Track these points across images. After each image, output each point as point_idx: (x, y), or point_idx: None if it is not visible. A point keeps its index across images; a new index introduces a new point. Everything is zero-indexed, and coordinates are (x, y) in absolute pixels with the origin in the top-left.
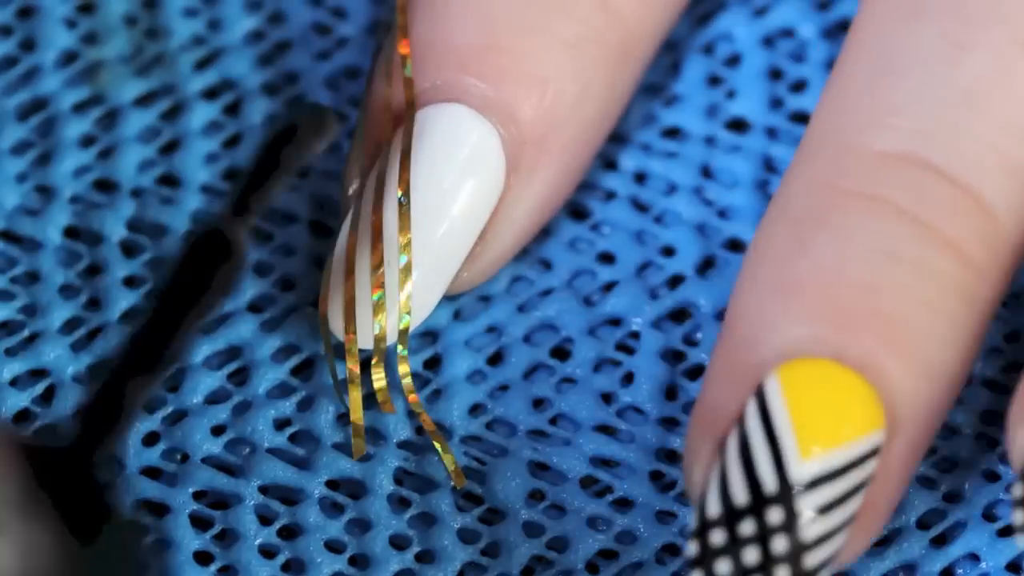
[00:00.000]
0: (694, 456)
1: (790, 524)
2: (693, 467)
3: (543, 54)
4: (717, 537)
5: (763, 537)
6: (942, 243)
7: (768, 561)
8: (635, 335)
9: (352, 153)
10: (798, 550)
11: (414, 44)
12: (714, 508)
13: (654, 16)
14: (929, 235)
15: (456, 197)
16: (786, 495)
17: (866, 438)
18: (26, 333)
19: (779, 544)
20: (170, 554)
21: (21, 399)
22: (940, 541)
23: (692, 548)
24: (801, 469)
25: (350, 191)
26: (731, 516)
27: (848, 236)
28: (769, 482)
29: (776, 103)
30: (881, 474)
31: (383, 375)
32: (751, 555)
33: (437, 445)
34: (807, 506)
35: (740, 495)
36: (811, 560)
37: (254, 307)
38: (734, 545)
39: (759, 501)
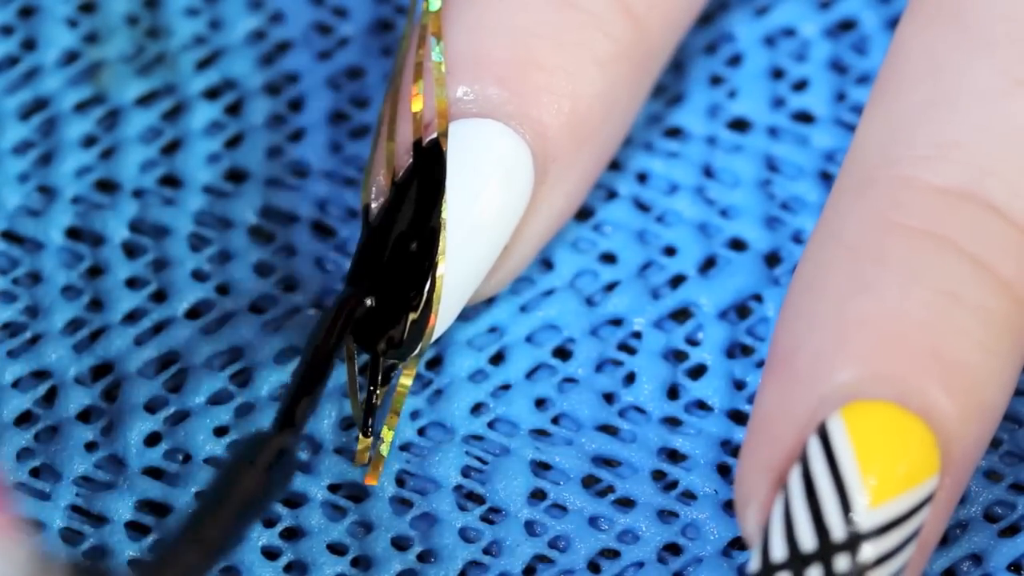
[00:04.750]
0: (750, 491)
1: (855, 571)
2: (749, 502)
3: (577, 71)
4: None
5: None
6: (999, 285)
7: None
8: (637, 335)
9: (374, 159)
10: None
11: (447, 50)
12: (779, 551)
13: (675, 30)
14: (988, 276)
15: (487, 211)
16: (852, 542)
17: (925, 484)
18: (28, 334)
19: None
20: None
21: (23, 401)
22: (941, 541)
23: None
24: (869, 517)
25: (372, 197)
26: (797, 560)
27: (911, 275)
28: (837, 529)
29: (778, 102)
30: (931, 514)
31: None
32: None
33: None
34: (871, 555)
35: (807, 540)
36: None
37: (256, 308)
38: None
39: (825, 547)
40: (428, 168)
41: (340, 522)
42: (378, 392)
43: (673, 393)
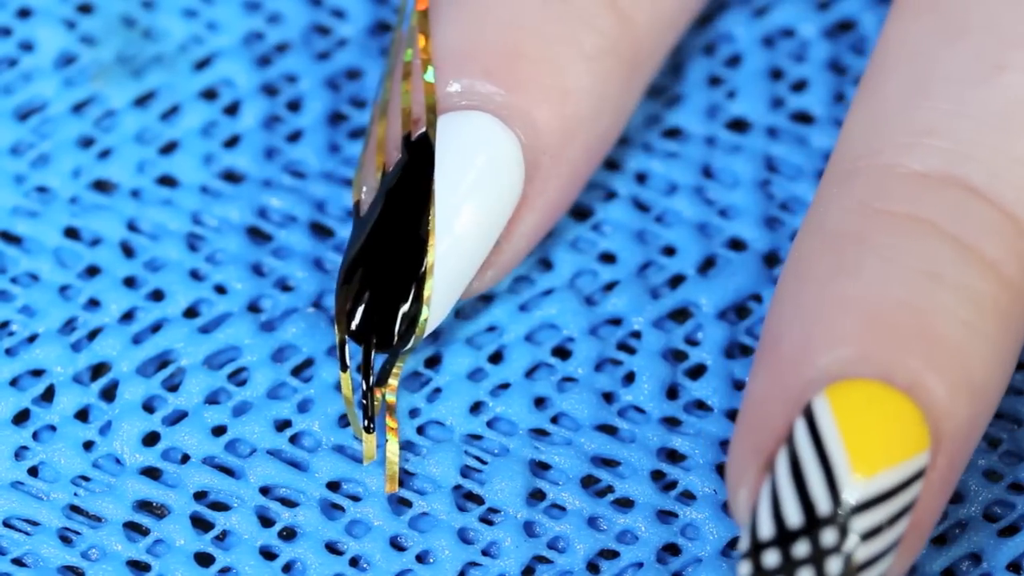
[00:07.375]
0: (740, 475)
1: (843, 545)
2: (739, 486)
3: (566, 65)
4: (771, 558)
5: (817, 558)
6: (982, 264)
7: None
8: (636, 334)
9: (365, 156)
10: (851, 571)
11: (435, 46)
12: (766, 529)
13: (665, 26)
14: (970, 256)
15: (477, 204)
16: (839, 516)
17: (915, 459)
18: (26, 333)
19: (833, 566)
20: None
21: (22, 399)
22: (941, 541)
23: (744, 569)
24: (854, 490)
25: (363, 195)
26: (784, 537)
27: (892, 257)
28: (823, 503)
29: (777, 103)
30: (926, 493)
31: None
32: None
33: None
34: (860, 527)
35: (794, 516)
36: None
37: (253, 308)
38: (789, 565)
39: (812, 522)
40: (417, 161)
41: (338, 521)
42: (372, 387)
43: (672, 393)
